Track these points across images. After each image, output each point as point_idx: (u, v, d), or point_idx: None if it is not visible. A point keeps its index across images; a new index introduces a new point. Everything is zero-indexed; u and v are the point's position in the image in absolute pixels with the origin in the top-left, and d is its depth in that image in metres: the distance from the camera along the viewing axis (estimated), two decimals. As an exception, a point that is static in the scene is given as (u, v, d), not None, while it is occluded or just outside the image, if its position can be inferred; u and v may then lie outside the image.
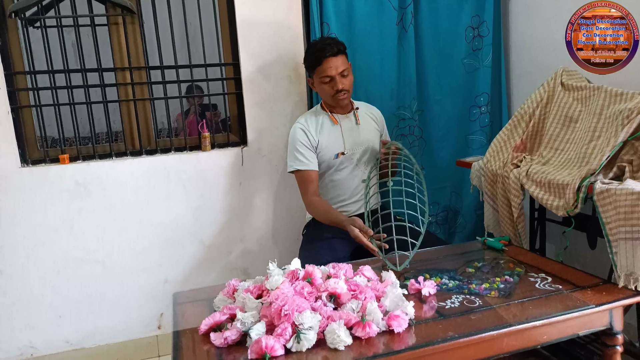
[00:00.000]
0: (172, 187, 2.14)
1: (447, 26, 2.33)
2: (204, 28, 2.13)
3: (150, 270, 2.17)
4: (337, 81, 1.84)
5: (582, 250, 1.83)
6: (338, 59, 1.84)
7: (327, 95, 1.90)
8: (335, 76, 1.84)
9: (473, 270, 1.53)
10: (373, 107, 2.10)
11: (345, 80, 1.87)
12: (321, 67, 1.84)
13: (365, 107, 2.07)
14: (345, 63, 1.87)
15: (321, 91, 1.92)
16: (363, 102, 2.10)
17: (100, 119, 2.14)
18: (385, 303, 1.23)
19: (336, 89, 1.85)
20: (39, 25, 2.01)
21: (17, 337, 2.07)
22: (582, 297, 1.30)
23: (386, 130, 2.12)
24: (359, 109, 2.01)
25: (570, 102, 1.80)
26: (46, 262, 2.05)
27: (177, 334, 1.25)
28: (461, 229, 2.52)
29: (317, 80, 1.90)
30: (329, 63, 1.83)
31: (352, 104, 2.01)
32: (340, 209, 1.97)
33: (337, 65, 1.83)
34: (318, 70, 1.86)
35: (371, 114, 2.05)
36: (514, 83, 2.45)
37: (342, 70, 1.85)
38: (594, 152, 1.59)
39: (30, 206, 2.00)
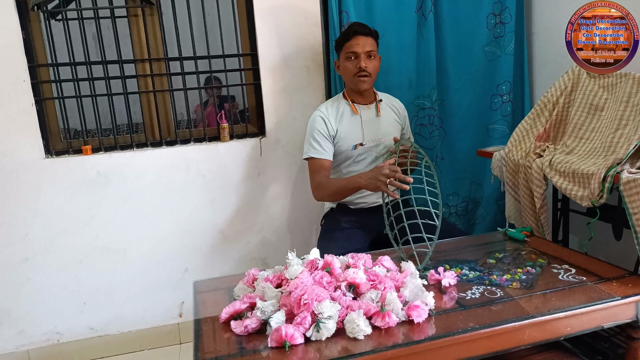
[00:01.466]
0: (192, 177, 2.16)
1: (468, 13, 2.28)
2: (222, 18, 2.13)
3: (171, 259, 2.20)
4: (361, 59, 1.83)
5: (606, 242, 1.79)
6: (368, 38, 1.84)
7: (349, 74, 1.87)
8: (361, 54, 1.83)
9: (494, 261, 1.51)
10: (396, 99, 2.07)
11: (369, 62, 1.85)
12: (349, 43, 1.84)
13: (388, 99, 2.04)
14: (373, 46, 1.86)
15: (344, 71, 1.90)
16: (386, 93, 2.07)
17: (121, 111, 2.17)
18: (405, 293, 1.22)
19: (359, 67, 1.83)
20: (60, 18, 2.04)
21: (42, 323, 2.13)
22: (607, 288, 1.28)
23: (408, 123, 2.09)
24: (382, 101, 1.98)
25: (596, 89, 1.75)
26: (69, 250, 2.10)
27: (198, 321, 1.27)
28: (481, 220, 2.48)
29: (342, 58, 1.89)
30: (357, 40, 1.83)
31: (375, 95, 1.98)
32: (356, 201, 1.95)
33: (364, 44, 1.83)
34: (345, 47, 1.86)
35: (393, 106, 2.02)
36: (536, 71, 2.39)
37: (368, 50, 1.83)
38: (621, 141, 1.55)
39: (54, 196, 2.05)
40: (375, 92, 1.99)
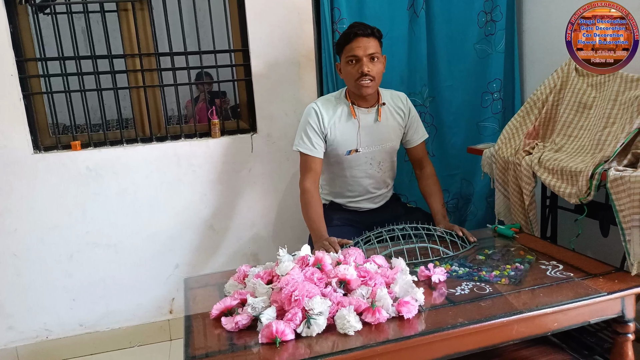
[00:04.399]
0: (183, 173, 2.15)
1: (459, 10, 2.29)
2: (213, 14, 2.12)
3: (162, 255, 2.20)
4: (363, 63, 1.70)
5: (594, 238, 1.81)
6: (370, 40, 1.72)
7: (350, 79, 1.75)
8: (362, 57, 1.70)
9: (483, 257, 1.52)
10: (402, 95, 1.92)
11: (372, 65, 1.72)
12: (349, 46, 1.72)
13: (393, 99, 1.89)
14: (376, 47, 1.74)
15: (346, 75, 1.78)
16: (391, 90, 1.94)
17: (111, 106, 2.15)
18: (395, 289, 1.23)
19: (361, 72, 1.71)
20: (49, 12, 2.01)
21: (32, 319, 2.11)
22: (594, 284, 1.30)
23: (417, 120, 1.94)
24: (385, 105, 1.85)
25: (585, 88, 1.77)
26: (59, 246, 2.08)
27: (189, 318, 1.27)
28: (472, 216, 2.50)
29: (343, 62, 1.77)
30: (358, 42, 1.70)
31: (378, 99, 1.85)
32: (349, 204, 1.93)
33: (366, 46, 1.70)
34: (346, 50, 1.74)
35: (398, 108, 1.88)
36: (527, 69, 2.41)
37: (371, 53, 1.71)
38: (608, 139, 1.57)
39: (44, 191, 2.03)
40: (379, 94, 1.85)
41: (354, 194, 1.92)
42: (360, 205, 1.94)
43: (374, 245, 1.59)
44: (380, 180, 1.92)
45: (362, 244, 1.61)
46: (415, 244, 1.57)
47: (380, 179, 1.91)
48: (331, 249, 1.51)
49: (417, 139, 1.93)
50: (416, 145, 1.94)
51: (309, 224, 1.74)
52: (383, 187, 1.95)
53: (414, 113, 1.93)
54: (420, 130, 1.95)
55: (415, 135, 1.93)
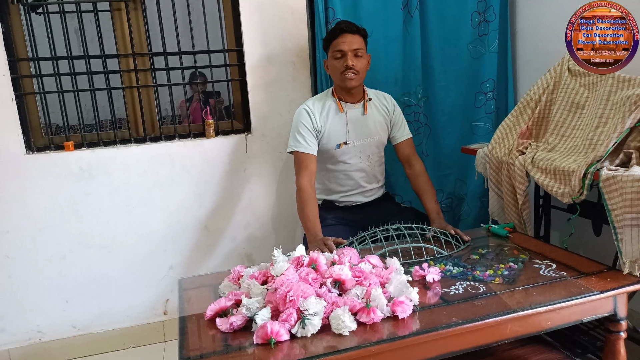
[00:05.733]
0: (177, 173, 2.15)
1: (453, 11, 2.29)
2: (207, 14, 2.11)
3: (156, 256, 2.19)
4: (348, 57, 1.81)
5: (586, 237, 1.82)
6: (355, 37, 1.83)
7: (336, 72, 1.85)
8: (347, 52, 1.81)
9: (477, 257, 1.53)
10: (387, 95, 2.02)
11: (357, 60, 1.83)
12: (335, 41, 1.83)
13: (378, 97, 1.99)
14: (361, 44, 1.84)
15: (332, 69, 1.88)
16: (376, 90, 2.03)
17: (104, 106, 2.14)
18: (390, 289, 1.24)
19: (345, 65, 1.81)
20: (41, 11, 1.99)
21: (24, 321, 2.10)
22: (586, 283, 1.31)
23: (402, 119, 2.01)
24: (371, 101, 1.95)
25: (577, 88, 1.78)
26: (52, 246, 2.07)
27: (183, 319, 1.26)
28: (466, 216, 2.51)
29: (330, 57, 1.87)
30: (344, 38, 1.82)
31: (364, 95, 1.95)
32: (342, 199, 1.97)
33: (351, 42, 1.82)
34: (332, 45, 1.84)
35: (383, 105, 1.98)
36: (520, 69, 2.42)
37: (355, 49, 1.82)
38: (601, 139, 1.58)
39: (36, 192, 2.01)
40: (365, 90, 1.96)
41: (346, 188, 1.96)
42: (353, 199, 1.97)
43: (369, 245, 1.59)
44: (370, 174, 1.97)
45: (356, 244, 1.61)
46: (410, 243, 1.58)
47: (370, 172, 1.97)
48: (326, 249, 1.51)
49: (402, 135, 2.01)
50: (402, 142, 2.00)
51: (304, 223, 1.76)
52: (374, 182, 2.00)
53: (398, 111, 2.02)
54: (404, 128, 2.02)
55: (400, 132, 2.00)
